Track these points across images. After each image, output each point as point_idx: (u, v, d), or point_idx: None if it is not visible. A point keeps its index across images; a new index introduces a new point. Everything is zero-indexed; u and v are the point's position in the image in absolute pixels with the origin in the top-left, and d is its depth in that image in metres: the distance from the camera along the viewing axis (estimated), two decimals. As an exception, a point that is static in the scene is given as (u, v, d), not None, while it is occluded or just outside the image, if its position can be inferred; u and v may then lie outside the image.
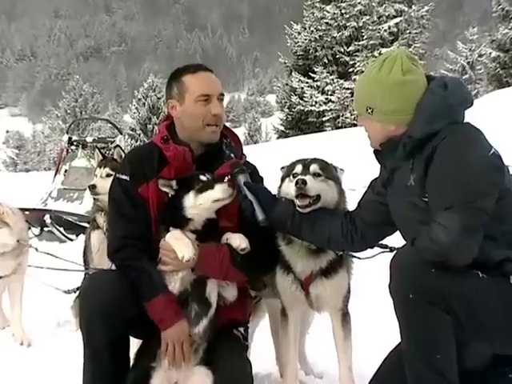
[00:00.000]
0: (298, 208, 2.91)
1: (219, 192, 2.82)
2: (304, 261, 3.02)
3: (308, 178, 2.89)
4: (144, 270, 2.82)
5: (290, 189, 2.96)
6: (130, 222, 2.93)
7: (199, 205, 2.82)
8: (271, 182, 3.18)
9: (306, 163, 3.01)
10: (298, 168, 3.00)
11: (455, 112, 2.58)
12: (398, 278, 2.51)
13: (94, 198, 4.57)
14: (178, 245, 2.73)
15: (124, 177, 3.00)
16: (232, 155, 3.03)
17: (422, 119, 2.57)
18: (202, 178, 2.87)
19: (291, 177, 2.99)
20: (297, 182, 2.86)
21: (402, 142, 2.61)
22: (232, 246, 2.83)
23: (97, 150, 5.04)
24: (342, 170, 3.07)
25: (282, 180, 3.09)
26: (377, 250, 3.17)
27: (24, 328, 4.53)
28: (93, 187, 4.46)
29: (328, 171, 3.00)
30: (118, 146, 5.07)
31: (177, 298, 2.81)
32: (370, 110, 2.68)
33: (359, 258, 3.17)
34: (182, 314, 2.80)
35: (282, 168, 3.13)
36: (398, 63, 2.62)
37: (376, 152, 2.83)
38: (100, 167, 4.58)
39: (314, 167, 2.97)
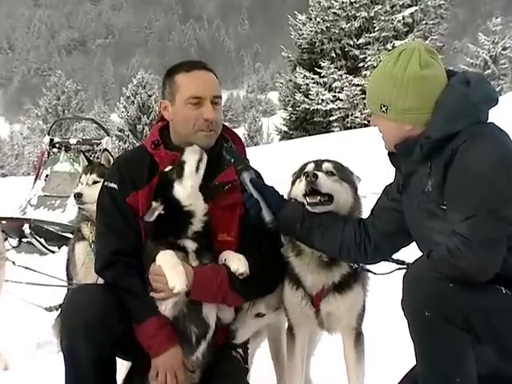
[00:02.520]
0: (307, 206, 2.90)
1: (189, 157, 2.83)
2: (315, 274, 3.00)
3: (320, 173, 2.88)
4: (135, 291, 2.81)
5: (299, 189, 2.95)
6: (120, 235, 2.92)
7: (191, 187, 2.81)
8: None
9: (318, 162, 3.02)
10: (310, 166, 3.01)
11: (478, 111, 2.58)
12: (412, 294, 2.49)
13: (80, 207, 4.57)
14: (170, 274, 2.68)
15: (112, 185, 2.99)
16: (233, 161, 3.00)
17: (442, 118, 2.57)
18: (167, 169, 2.89)
19: (302, 176, 2.97)
20: (307, 176, 2.85)
21: (419, 143, 2.60)
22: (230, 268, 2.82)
23: (81, 153, 5.05)
24: (358, 177, 3.06)
25: (293, 184, 3.08)
26: (393, 265, 3.14)
27: (0, 349, 4.52)
28: (78, 196, 4.46)
29: (343, 172, 3.00)
30: (105, 149, 5.07)
31: (172, 322, 2.79)
32: (384, 109, 2.68)
33: (374, 273, 3.15)
34: (175, 339, 2.78)
35: (294, 174, 3.12)
36: (416, 57, 2.62)
37: (390, 155, 2.83)
38: (86, 173, 4.58)
39: (326, 165, 2.98)
